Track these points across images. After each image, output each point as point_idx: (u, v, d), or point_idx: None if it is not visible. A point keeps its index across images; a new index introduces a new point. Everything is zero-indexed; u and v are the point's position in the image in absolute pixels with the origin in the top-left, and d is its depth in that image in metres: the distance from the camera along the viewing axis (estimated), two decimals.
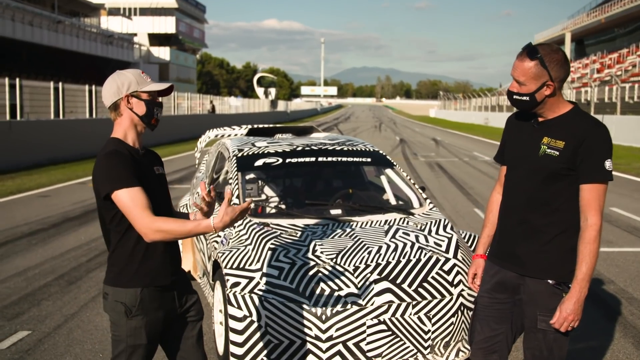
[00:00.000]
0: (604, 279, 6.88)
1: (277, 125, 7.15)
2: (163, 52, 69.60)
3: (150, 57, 67.45)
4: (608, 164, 2.84)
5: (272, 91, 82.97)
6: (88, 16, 56.56)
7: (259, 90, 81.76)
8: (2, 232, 9.25)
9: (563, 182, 2.92)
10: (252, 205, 2.85)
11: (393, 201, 5.85)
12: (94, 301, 6.13)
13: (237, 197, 5.26)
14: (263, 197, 6.06)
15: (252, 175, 6.17)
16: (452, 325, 4.30)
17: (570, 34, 47.62)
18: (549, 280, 2.97)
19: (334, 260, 4.38)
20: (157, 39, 71.11)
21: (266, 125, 7.20)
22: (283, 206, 5.68)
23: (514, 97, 2.97)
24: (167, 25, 70.37)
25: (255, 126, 7.09)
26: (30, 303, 6.07)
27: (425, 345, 4.24)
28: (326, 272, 4.28)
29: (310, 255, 4.43)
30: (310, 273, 4.27)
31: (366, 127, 50.59)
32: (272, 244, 4.54)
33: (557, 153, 2.90)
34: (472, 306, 4.21)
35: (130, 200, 2.77)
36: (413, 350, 4.22)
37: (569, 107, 2.98)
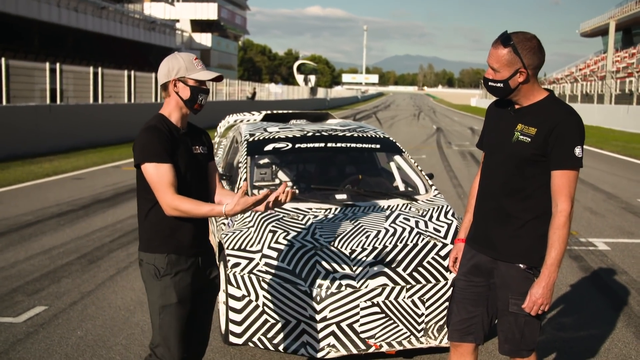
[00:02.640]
0: (618, 270, 6.84)
1: (293, 112, 7.27)
2: (205, 39, 70.17)
3: (192, 44, 68.08)
4: (578, 150, 2.89)
5: (312, 78, 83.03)
6: (131, 2, 57.19)
7: (299, 78, 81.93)
8: (33, 212, 9.57)
9: (536, 168, 2.97)
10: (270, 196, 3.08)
11: (402, 187, 5.92)
12: (111, 280, 6.34)
13: (245, 179, 5.39)
14: (277, 181, 6.19)
15: (266, 160, 6.30)
16: (446, 310, 4.37)
17: (615, 23, 46.51)
18: (520, 265, 3.03)
19: (332, 243, 4.49)
20: (199, 25, 71.70)
21: (282, 111, 7.32)
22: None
23: (489, 83, 3.02)
24: (209, 11, 70.82)
25: (271, 112, 7.22)
26: (50, 280, 6.31)
27: (419, 328, 4.32)
28: (323, 255, 4.38)
29: (309, 238, 4.54)
30: (307, 255, 4.38)
31: (405, 116, 50.42)
32: (273, 226, 4.66)
33: (529, 139, 2.95)
34: None
35: (156, 175, 3.00)
36: (406, 332, 4.30)
37: (544, 95, 3.02)
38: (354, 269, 4.31)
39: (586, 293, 6.11)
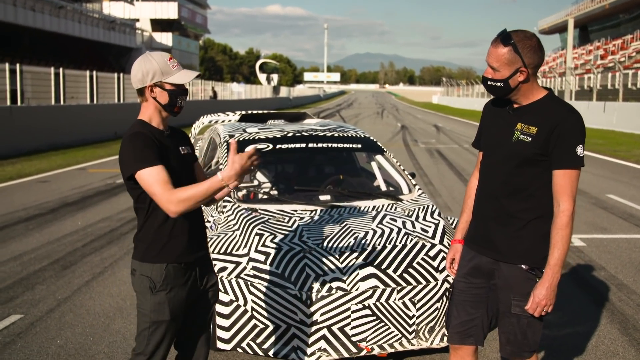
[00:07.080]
0: (595, 266, 6.91)
1: (270, 112, 7.19)
2: (165, 38, 69.39)
3: (153, 43, 67.27)
4: (580, 149, 2.87)
5: (275, 77, 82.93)
6: (90, 1, 56.29)
7: (262, 77, 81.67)
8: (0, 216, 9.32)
9: (537, 168, 2.95)
10: (259, 146, 2.93)
11: (383, 187, 5.88)
12: (87, 286, 6.18)
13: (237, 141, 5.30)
14: (255, 182, 6.10)
15: None
16: (437, 311, 4.34)
17: (573, 20, 47.09)
18: (522, 266, 3.00)
19: (320, 245, 4.42)
20: (159, 25, 70.88)
21: (259, 112, 7.24)
22: (273, 192, 5.72)
23: (489, 83, 2.99)
24: (169, 10, 70.06)
25: (248, 112, 7.13)
26: (24, 287, 6.13)
27: (410, 330, 4.28)
28: (312, 258, 4.32)
29: (296, 240, 4.47)
30: (296, 258, 4.31)
31: (368, 114, 50.56)
32: (259, 229, 4.58)
33: (530, 139, 2.93)
34: None
35: (151, 178, 2.84)
36: (398, 335, 4.26)
37: (543, 94, 3.00)
38: (344, 271, 4.25)
39: (567, 290, 6.14)
